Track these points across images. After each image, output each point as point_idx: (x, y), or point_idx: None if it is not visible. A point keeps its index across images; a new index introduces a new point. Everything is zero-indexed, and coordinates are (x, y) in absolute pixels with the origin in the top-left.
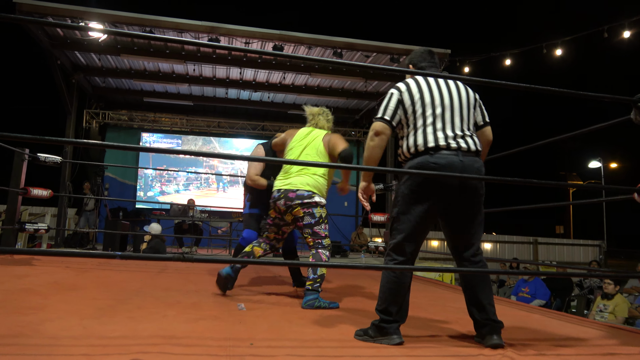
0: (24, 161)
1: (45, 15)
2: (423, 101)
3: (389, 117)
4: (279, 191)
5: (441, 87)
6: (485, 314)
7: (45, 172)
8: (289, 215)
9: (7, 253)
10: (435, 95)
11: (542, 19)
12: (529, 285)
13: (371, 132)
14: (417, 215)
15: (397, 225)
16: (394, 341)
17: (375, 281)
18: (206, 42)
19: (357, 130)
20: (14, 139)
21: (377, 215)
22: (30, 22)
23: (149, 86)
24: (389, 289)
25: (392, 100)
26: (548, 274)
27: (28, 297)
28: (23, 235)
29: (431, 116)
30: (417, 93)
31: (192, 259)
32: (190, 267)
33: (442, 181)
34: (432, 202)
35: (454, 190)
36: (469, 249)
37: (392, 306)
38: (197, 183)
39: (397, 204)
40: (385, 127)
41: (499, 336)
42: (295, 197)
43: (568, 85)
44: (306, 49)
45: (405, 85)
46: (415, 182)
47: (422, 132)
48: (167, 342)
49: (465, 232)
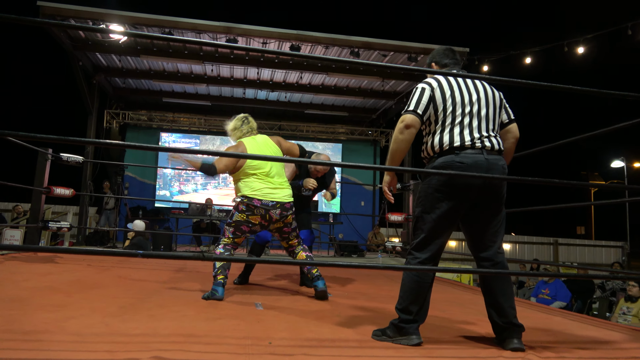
0: (47, 161)
1: (67, 17)
2: (454, 99)
3: (421, 112)
4: (274, 202)
5: (469, 86)
6: (505, 317)
7: (67, 172)
8: (279, 223)
9: (31, 251)
10: (465, 95)
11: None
12: (549, 286)
13: (401, 124)
14: (441, 215)
15: (420, 224)
16: (412, 341)
17: (393, 281)
18: (224, 43)
19: (374, 130)
20: (38, 139)
21: (395, 215)
22: (53, 25)
23: (167, 86)
24: (410, 288)
25: (425, 95)
26: (568, 275)
27: (52, 295)
28: (46, 233)
29: (460, 115)
30: (448, 90)
31: (212, 257)
32: (208, 266)
33: (468, 180)
34: (457, 202)
35: (479, 190)
36: (490, 249)
37: (413, 305)
38: (214, 182)
39: (420, 203)
40: (417, 120)
41: (519, 340)
42: (290, 207)
43: (590, 84)
44: (323, 48)
45: (437, 82)
46: (440, 181)
47: (450, 131)
48: (186, 341)
49: (487, 231)
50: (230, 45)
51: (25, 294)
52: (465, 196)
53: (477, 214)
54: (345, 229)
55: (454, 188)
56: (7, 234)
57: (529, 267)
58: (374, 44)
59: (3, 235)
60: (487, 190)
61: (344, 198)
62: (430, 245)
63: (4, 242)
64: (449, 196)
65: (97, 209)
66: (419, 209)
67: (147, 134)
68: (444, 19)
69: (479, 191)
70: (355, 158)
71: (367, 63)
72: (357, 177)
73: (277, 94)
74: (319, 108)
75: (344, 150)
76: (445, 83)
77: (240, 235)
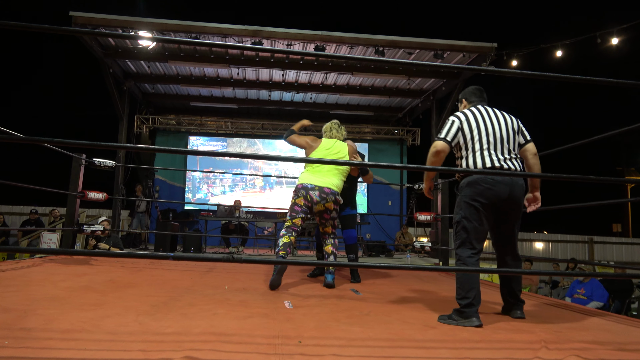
0: (81, 166)
1: (98, 26)
2: (479, 130)
3: (450, 139)
4: (313, 185)
5: (492, 118)
6: (515, 298)
7: (100, 176)
8: (320, 206)
9: (68, 254)
10: (489, 126)
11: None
12: (585, 286)
13: (434, 149)
14: (477, 218)
15: (462, 226)
16: (474, 323)
17: (422, 281)
18: (249, 46)
19: (401, 129)
20: (72, 145)
21: (423, 215)
22: (85, 33)
23: (195, 91)
24: (465, 279)
25: (454, 127)
26: (605, 275)
27: (88, 294)
28: (81, 236)
29: (486, 142)
30: (474, 123)
31: (241, 259)
32: (237, 267)
33: (496, 193)
34: (488, 208)
35: (505, 200)
36: (512, 247)
37: (471, 292)
38: (242, 184)
39: (460, 209)
40: (446, 146)
41: (522, 311)
42: (330, 193)
43: (626, 76)
44: (348, 48)
45: (465, 116)
46: (475, 192)
47: (480, 155)
48: (218, 339)
49: (510, 233)
50: (256, 47)
51: (63, 293)
52: (493, 205)
53: (504, 219)
54: (373, 229)
55: (485, 198)
56: (44, 237)
57: (563, 267)
58: (398, 42)
59: (41, 239)
60: (511, 201)
61: (371, 198)
62: (474, 242)
63: (42, 245)
64: (482, 204)
65: (129, 212)
66: (459, 215)
67: (176, 138)
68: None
69: (505, 201)
70: (381, 158)
71: (392, 61)
72: (384, 177)
73: (302, 95)
74: (344, 108)
75: (370, 150)
76: (472, 117)
77: (295, 216)
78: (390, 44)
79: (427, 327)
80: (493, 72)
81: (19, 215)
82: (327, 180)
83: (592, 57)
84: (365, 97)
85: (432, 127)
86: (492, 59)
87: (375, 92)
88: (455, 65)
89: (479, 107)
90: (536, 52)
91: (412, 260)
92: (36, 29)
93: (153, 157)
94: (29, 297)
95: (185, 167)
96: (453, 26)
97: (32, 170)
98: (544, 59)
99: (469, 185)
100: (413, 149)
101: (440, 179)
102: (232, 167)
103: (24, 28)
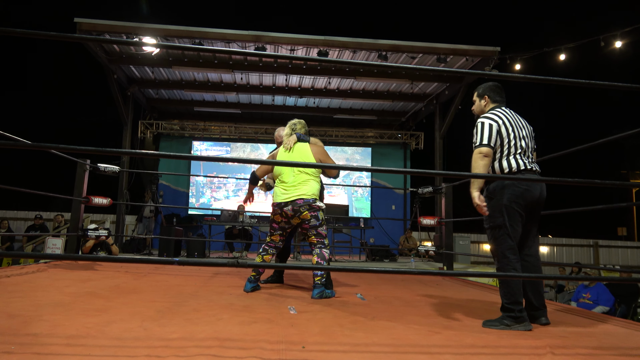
0: (86, 171)
1: (102, 32)
2: (514, 133)
3: (493, 144)
4: (286, 201)
5: (518, 122)
6: (541, 300)
7: (104, 181)
8: (296, 219)
9: (73, 259)
10: (517, 129)
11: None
12: (591, 290)
13: (480, 154)
14: (517, 221)
15: (506, 231)
16: (528, 327)
17: (427, 286)
18: (252, 51)
19: (404, 133)
20: (77, 150)
21: (427, 219)
22: (90, 40)
23: (198, 96)
24: (516, 282)
25: (493, 130)
26: (611, 279)
27: (93, 300)
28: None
29: (515, 146)
30: (509, 126)
31: (246, 264)
32: (241, 271)
33: (533, 194)
34: (525, 210)
35: (536, 201)
36: (534, 247)
37: (520, 296)
38: (245, 189)
39: (499, 213)
40: (491, 151)
41: (546, 317)
42: (303, 204)
43: (630, 79)
44: (351, 53)
45: (500, 119)
46: (515, 195)
47: (514, 158)
48: (222, 345)
49: (533, 233)
50: (259, 53)
51: (68, 299)
52: (529, 206)
53: (531, 219)
54: (377, 234)
55: (524, 200)
56: (49, 243)
57: (568, 271)
58: (401, 47)
59: (46, 244)
60: (540, 201)
61: (375, 202)
62: (513, 246)
63: (46, 251)
64: (521, 207)
65: (136, 217)
66: (499, 219)
67: (179, 143)
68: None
69: (537, 202)
70: (385, 162)
71: (395, 66)
72: (388, 181)
73: (305, 99)
74: (347, 112)
75: (373, 154)
76: (506, 119)
77: (273, 233)
78: (393, 49)
79: (432, 332)
80: (496, 76)
81: (23, 221)
82: (297, 192)
83: (595, 60)
84: (368, 101)
85: (436, 131)
86: (496, 63)
87: (378, 96)
88: (459, 70)
89: (505, 110)
90: (540, 55)
91: (417, 265)
92: (43, 37)
93: (157, 162)
94: (35, 303)
95: (189, 172)
96: (456, 30)
97: (37, 175)
98: (547, 63)
99: (505, 188)
100: (416, 153)
101: (444, 182)
102: (235, 172)
103: (32, 35)
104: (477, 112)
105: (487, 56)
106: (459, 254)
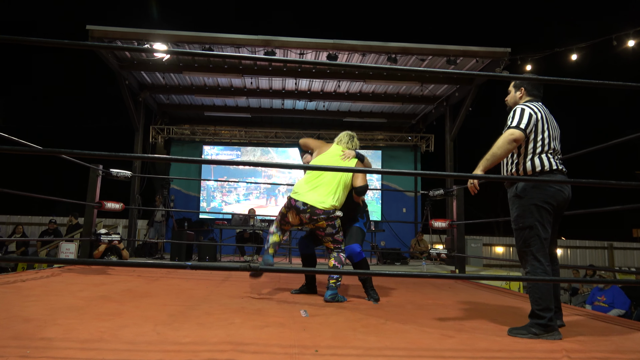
0: (99, 177)
1: (114, 39)
2: (548, 131)
3: (528, 131)
4: (305, 204)
5: (553, 121)
6: (557, 302)
7: (116, 186)
8: (310, 225)
9: (86, 264)
10: (551, 128)
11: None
12: (606, 293)
13: (511, 136)
14: (549, 222)
15: (537, 232)
16: (557, 336)
17: (439, 289)
18: (262, 56)
19: (414, 135)
20: (90, 156)
21: (438, 222)
22: (102, 47)
23: (209, 101)
24: (546, 289)
25: (532, 118)
26: (626, 282)
27: (106, 304)
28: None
29: (552, 145)
30: (545, 123)
31: (258, 268)
32: None
33: (563, 194)
34: (555, 211)
35: (566, 200)
36: (555, 248)
37: (551, 302)
38: (256, 193)
39: (530, 214)
40: (523, 137)
41: (562, 320)
42: (321, 214)
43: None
44: (360, 56)
45: (537, 109)
46: (547, 195)
47: (545, 156)
48: (234, 349)
49: (556, 233)
50: (269, 58)
51: (82, 303)
52: (558, 206)
53: (556, 221)
54: (388, 237)
55: (556, 200)
56: (63, 248)
57: (582, 273)
58: (411, 49)
59: (59, 249)
60: (568, 201)
61: (385, 205)
62: (545, 249)
63: (60, 256)
64: (552, 207)
65: (148, 222)
66: (530, 219)
67: (190, 147)
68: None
69: (565, 202)
70: (395, 164)
71: (405, 68)
72: (398, 184)
73: (315, 103)
74: (357, 115)
75: (383, 157)
76: (541, 113)
77: (284, 224)
78: (403, 51)
79: (445, 336)
80: (506, 77)
81: (38, 226)
82: (321, 198)
83: (608, 60)
84: (378, 104)
85: (446, 133)
86: (506, 64)
87: (388, 99)
88: (469, 72)
89: (543, 106)
90: (551, 56)
91: (428, 268)
92: (56, 45)
93: (168, 167)
94: (49, 307)
95: (200, 176)
96: (466, 31)
97: (51, 181)
98: (559, 63)
99: (536, 188)
100: (427, 155)
101: (455, 185)
102: (246, 176)
103: (45, 44)
104: (510, 103)
105: (497, 57)
106: (471, 257)
